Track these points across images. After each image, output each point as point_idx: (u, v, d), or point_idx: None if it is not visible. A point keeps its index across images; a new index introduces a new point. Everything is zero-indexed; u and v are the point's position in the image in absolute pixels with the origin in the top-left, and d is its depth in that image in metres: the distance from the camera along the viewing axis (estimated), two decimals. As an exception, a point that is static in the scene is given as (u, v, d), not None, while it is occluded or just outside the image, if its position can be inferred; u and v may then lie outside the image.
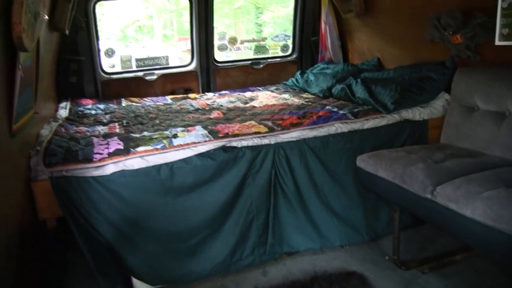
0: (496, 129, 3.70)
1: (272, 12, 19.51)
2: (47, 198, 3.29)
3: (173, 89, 6.85)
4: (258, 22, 20.32)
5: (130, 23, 20.76)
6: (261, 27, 20.26)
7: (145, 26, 21.58)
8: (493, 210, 2.63)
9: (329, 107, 4.71)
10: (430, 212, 3.16)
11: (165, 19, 21.34)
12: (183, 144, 3.60)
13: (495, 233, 2.60)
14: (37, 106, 3.78)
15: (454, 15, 4.32)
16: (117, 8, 19.68)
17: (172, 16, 20.95)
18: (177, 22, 21.27)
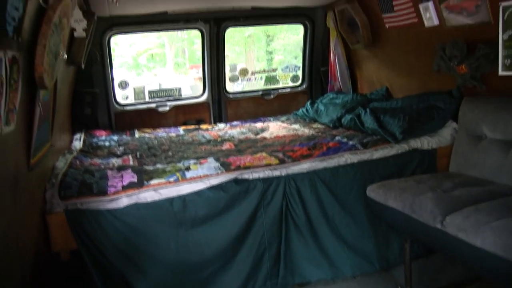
0: (503, 157, 3.72)
1: (283, 40, 19.72)
2: (62, 230, 3.35)
3: (186, 120, 6.94)
4: (268, 49, 20.53)
5: (143, 52, 21.07)
6: (272, 55, 20.46)
7: (157, 54, 21.88)
8: (503, 240, 2.64)
9: (339, 138, 4.77)
10: (441, 242, 3.17)
11: (177, 47, 21.63)
12: (196, 176, 3.67)
13: (506, 263, 2.60)
14: (53, 139, 3.87)
15: (459, 46, 4.39)
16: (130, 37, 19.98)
17: (184, 44, 21.24)
18: (189, 50, 21.55)
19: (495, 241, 2.67)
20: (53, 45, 2.70)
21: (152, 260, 3.53)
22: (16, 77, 2.21)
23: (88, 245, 3.38)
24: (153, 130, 6.34)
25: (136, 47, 20.85)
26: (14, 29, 2.10)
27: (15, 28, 2.11)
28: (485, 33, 4.09)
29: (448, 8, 4.40)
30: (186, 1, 5.63)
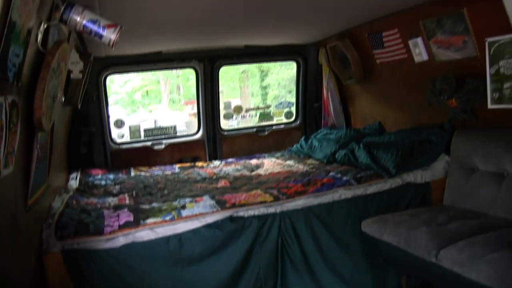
0: (496, 189, 3.78)
1: (277, 74, 19.91)
2: (58, 270, 3.34)
3: (181, 157, 6.97)
4: (263, 84, 20.71)
5: (138, 88, 21.21)
6: (266, 90, 20.63)
7: (152, 91, 22.02)
8: (498, 273, 2.67)
9: (333, 173, 4.81)
10: (436, 276, 3.20)
11: (172, 84, 21.78)
12: (192, 215, 3.70)
13: (501, 296, 2.63)
14: (50, 179, 3.88)
15: (448, 80, 4.48)
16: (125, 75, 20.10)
17: (179, 80, 21.40)
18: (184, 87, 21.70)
19: (490, 274, 2.70)
20: (51, 88, 2.75)
21: (149, 299, 3.52)
22: (15, 120, 2.24)
23: (85, 285, 3.37)
24: (148, 168, 6.36)
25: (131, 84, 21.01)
26: (14, 74, 2.15)
27: (15, 73, 2.16)
28: (473, 67, 4.20)
29: (436, 44, 4.53)
30: (180, 41, 5.72)
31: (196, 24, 4.64)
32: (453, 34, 4.26)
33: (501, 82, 3.79)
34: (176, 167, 6.35)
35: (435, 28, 4.44)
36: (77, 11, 2.73)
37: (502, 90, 3.80)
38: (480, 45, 3.99)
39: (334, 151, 5.69)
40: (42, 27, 2.56)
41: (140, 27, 4.39)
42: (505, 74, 3.75)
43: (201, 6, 3.86)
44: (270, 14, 4.46)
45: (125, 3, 3.45)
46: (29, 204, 2.96)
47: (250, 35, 5.79)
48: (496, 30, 3.73)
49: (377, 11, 4.73)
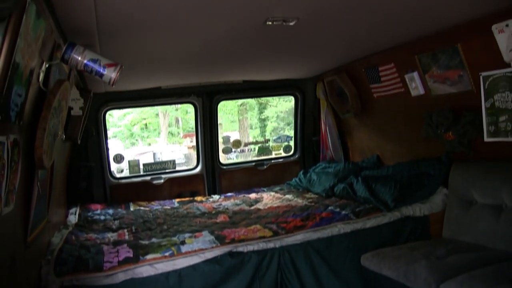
0: (495, 222, 3.78)
1: (275, 107, 20.03)
2: (58, 307, 3.32)
3: (180, 192, 6.97)
4: (261, 117, 20.82)
5: (137, 121, 21.29)
6: (265, 122, 20.73)
7: (151, 123, 22.11)
8: (498, 308, 2.67)
9: (332, 208, 4.82)
10: (436, 311, 3.18)
11: (171, 116, 21.88)
12: (191, 251, 3.70)
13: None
14: (49, 215, 3.88)
15: (445, 114, 4.53)
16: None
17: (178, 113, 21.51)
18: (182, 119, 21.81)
19: (490, 310, 2.70)
20: (52, 127, 2.78)
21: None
22: (16, 158, 2.27)
23: (83, 322, 3.35)
24: (148, 203, 6.36)
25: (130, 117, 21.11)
26: (17, 114, 2.19)
27: (17, 113, 2.19)
28: (469, 101, 4.26)
29: (432, 78, 4.59)
30: (179, 77, 5.80)
31: (194, 61, 4.71)
32: (448, 68, 4.34)
33: (496, 116, 3.84)
34: (175, 201, 6.36)
35: (430, 63, 4.52)
36: (78, 51, 2.79)
37: (498, 123, 3.84)
38: (475, 79, 4.06)
39: (332, 185, 5.72)
40: (44, 66, 2.61)
41: (139, 65, 4.47)
42: (500, 107, 3.80)
43: (199, 44, 3.94)
44: (268, 51, 4.55)
45: (124, 42, 3.53)
46: (28, 241, 2.97)
47: (249, 71, 5.87)
48: (490, 65, 3.80)
49: (373, 47, 4.82)
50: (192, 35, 3.61)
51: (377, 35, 4.25)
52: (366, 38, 4.36)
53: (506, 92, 3.71)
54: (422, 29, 4.08)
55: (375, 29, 3.95)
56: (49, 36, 2.64)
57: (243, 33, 3.68)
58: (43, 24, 2.33)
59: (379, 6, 3.22)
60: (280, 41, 4.09)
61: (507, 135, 3.80)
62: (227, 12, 3.08)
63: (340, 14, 3.36)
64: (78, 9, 2.63)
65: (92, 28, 2.99)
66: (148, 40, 3.61)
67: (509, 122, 3.75)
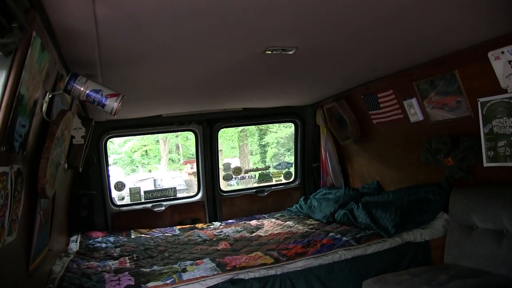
0: (497, 247, 3.77)
1: (275, 133, 20.10)
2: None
3: (181, 219, 6.97)
4: (261, 143, 20.87)
5: (137, 148, 21.33)
6: (265, 148, 20.77)
7: (151, 150, 22.15)
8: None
9: (333, 234, 4.82)
10: None
11: (171, 143, 21.94)
12: (192, 278, 3.69)
13: None
14: (51, 243, 3.88)
15: (444, 139, 4.57)
16: (125, 136, 20.26)
17: (178, 140, 21.57)
18: (183, 146, 21.85)
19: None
20: (55, 157, 2.81)
21: None
22: (19, 188, 2.29)
23: None
24: (149, 230, 6.37)
25: (130, 144, 21.17)
26: (20, 144, 2.21)
27: (21, 143, 2.22)
28: (468, 126, 4.30)
29: (431, 104, 4.64)
30: (180, 105, 5.86)
31: (195, 91, 4.78)
32: (446, 94, 4.39)
33: (495, 141, 3.87)
34: (176, 229, 6.36)
35: (428, 89, 4.57)
36: (80, 81, 2.82)
37: (497, 148, 3.87)
38: (473, 104, 4.10)
39: (333, 211, 5.73)
40: (47, 97, 2.65)
41: (140, 94, 4.53)
42: (499, 133, 3.84)
43: (199, 75, 4.00)
44: (268, 79, 4.61)
45: (126, 73, 3.59)
46: (30, 270, 2.96)
47: (249, 99, 5.94)
48: (488, 90, 3.85)
49: (371, 75, 4.88)
50: (192, 67, 3.67)
51: (375, 64, 4.32)
52: (364, 67, 4.43)
53: (504, 117, 3.75)
54: (420, 57, 4.15)
55: (373, 58, 4.02)
56: (53, 67, 2.69)
57: (243, 62, 3.74)
58: (47, 56, 2.38)
59: (377, 37, 3.29)
60: (279, 69, 4.15)
61: (506, 160, 3.83)
62: (227, 44, 3.14)
63: (338, 44, 3.42)
64: (81, 41, 2.68)
65: (94, 59, 3.05)
66: (149, 71, 3.68)
67: (508, 147, 3.79)
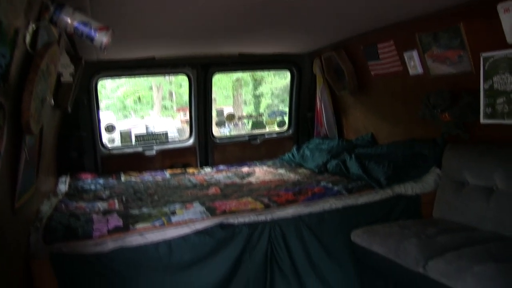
0: (486, 203, 3.79)
1: (270, 84, 19.98)
2: (46, 275, 3.30)
3: (172, 164, 6.94)
4: (256, 93, 20.76)
5: (130, 94, 21.19)
6: (259, 99, 20.67)
7: (144, 96, 22.00)
8: (484, 285, 2.70)
9: (324, 183, 4.81)
10: (423, 287, 3.20)
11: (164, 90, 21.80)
12: (181, 221, 3.68)
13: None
14: (38, 183, 3.84)
15: (443, 95, 4.50)
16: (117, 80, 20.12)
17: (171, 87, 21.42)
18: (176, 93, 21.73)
19: (475, 286, 2.73)
20: (40, 91, 2.71)
21: (136, 305, 3.49)
22: (1, 122, 2.20)
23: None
24: (139, 173, 6.34)
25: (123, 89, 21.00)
26: (1, 76, 2.11)
27: (2, 75, 2.12)
28: (468, 82, 4.23)
29: (432, 58, 4.55)
30: (174, 47, 5.70)
31: (190, 31, 4.63)
32: (449, 48, 4.30)
33: (494, 98, 3.83)
34: (167, 173, 6.33)
35: (431, 42, 4.48)
36: (67, 12, 2.68)
37: (495, 105, 3.84)
38: (475, 60, 4.03)
39: (326, 161, 5.70)
40: (31, 27, 2.52)
41: (132, 32, 4.37)
42: (499, 89, 3.80)
43: (195, 14, 3.86)
44: (265, 24, 4.47)
45: (117, 8, 3.43)
46: (16, 207, 2.92)
47: (245, 43, 5.79)
48: (492, 46, 3.78)
49: (372, 23, 4.75)
50: (187, 6, 3.53)
51: (376, 12, 4.18)
52: (364, 14, 4.29)
53: (506, 74, 3.71)
54: (424, 7, 4.02)
55: (374, 4, 3.88)
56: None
57: (240, 6, 3.61)
58: None
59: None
60: (277, 15, 4.02)
61: (504, 118, 3.80)
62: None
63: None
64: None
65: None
66: (141, 9, 3.52)
67: (507, 104, 3.76)
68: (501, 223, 3.62)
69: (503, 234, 3.55)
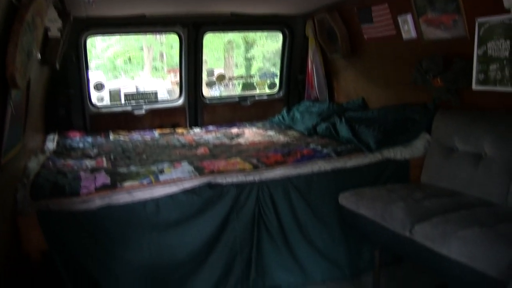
0: (474, 170, 3.80)
1: (262, 47, 19.81)
2: (33, 231, 3.31)
3: (161, 123, 6.90)
4: (247, 56, 20.60)
5: (120, 54, 20.95)
6: (251, 61, 20.53)
7: (135, 57, 21.77)
8: (468, 249, 2.72)
9: (313, 146, 4.80)
10: (409, 250, 3.24)
11: (155, 51, 21.57)
12: (169, 180, 3.67)
13: (469, 271, 2.69)
14: (25, 139, 3.81)
15: (436, 60, 4.47)
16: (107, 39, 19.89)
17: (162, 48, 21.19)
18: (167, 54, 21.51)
19: (460, 250, 2.76)
20: (26, 43, 2.65)
21: (123, 262, 3.50)
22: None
23: (59, 246, 3.34)
24: (128, 133, 6.31)
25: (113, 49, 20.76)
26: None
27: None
28: (462, 48, 4.19)
29: (426, 22, 4.49)
30: (165, 5, 5.60)
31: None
32: (444, 12, 4.23)
33: (487, 64, 3.81)
34: (156, 132, 6.31)
35: (426, 6, 4.40)
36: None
37: (488, 72, 3.82)
38: (470, 25, 3.98)
39: (315, 124, 5.68)
40: None
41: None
42: (492, 56, 3.77)
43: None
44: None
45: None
46: (1, 163, 2.90)
47: (237, 2, 5.69)
48: (487, 11, 3.72)
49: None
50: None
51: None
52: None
53: (501, 40, 3.67)
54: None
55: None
56: None
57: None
58: None
59: None
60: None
61: (496, 84, 3.78)
62: None
63: None
64: None
65: None
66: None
67: (499, 71, 3.73)
68: (488, 189, 3.63)
69: (489, 200, 3.58)
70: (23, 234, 3.33)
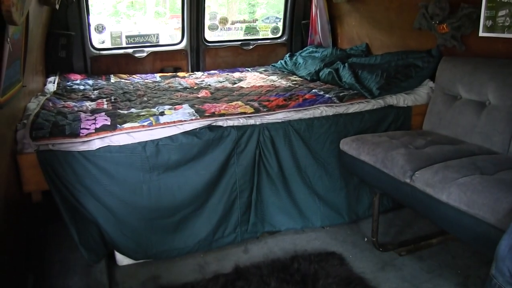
0: (476, 118, 3.78)
1: (266, -7, 19.38)
2: (33, 171, 3.32)
3: (163, 67, 6.85)
4: (251, 2, 20.20)
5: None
6: (254, 8, 20.14)
7: (137, 2, 21.36)
8: (467, 195, 2.73)
9: (316, 91, 4.76)
10: (408, 196, 3.24)
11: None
12: (170, 122, 3.64)
13: (468, 217, 2.70)
14: (25, 80, 3.76)
15: (441, 5, 4.37)
16: (110, -17, 19.44)
17: (166, -8, 20.76)
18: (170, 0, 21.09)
19: (460, 197, 2.76)
20: (22, -23, 2.58)
21: (123, 203, 3.52)
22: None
23: (59, 186, 3.35)
24: (129, 75, 6.26)
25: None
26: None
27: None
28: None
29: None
30: None
31: None
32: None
33: (496, 10, 3.72)
34: (157, 76, 6.26)
35: None
36: None
37: (496, 18, 3.74)
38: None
39: (318, 69, 5.62)
40: None
41: None
42: (502, 1, 3.67)
43: None
44: None
45: None
46: (0, 102, 2.87)
47: None
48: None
49: None
50: None
51: None
52: None
53: (512, -17, 3.57)
54: None
55: None
56: None
57: None
58: None
59: None
60: None
61: (504, 31, 3.71)
62: None
63: None
64: None
65: None
66: None
67: (509, 17, 3.65)
68: (489, 137, 3.63)
69: (490, 149, 3.58)
70: (23, 174, 3.33)
